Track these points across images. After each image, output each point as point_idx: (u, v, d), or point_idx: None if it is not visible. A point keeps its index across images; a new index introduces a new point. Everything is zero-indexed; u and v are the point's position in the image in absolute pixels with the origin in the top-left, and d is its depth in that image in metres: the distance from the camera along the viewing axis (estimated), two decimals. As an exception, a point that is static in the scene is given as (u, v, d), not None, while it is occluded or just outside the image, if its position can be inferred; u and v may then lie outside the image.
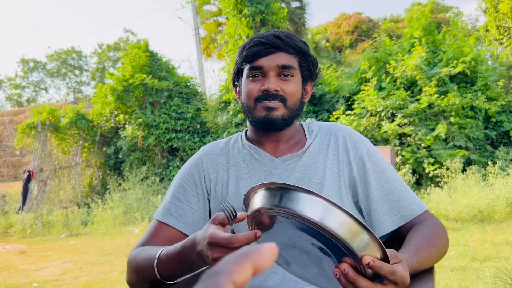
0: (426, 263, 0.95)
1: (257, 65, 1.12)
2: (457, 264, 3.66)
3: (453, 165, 6.57)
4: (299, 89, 1.15)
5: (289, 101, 1.12)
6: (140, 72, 10.10)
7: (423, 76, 7.68)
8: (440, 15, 19.77)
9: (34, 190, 9.32)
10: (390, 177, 1.13)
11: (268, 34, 1.13)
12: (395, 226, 1.09)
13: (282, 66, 1.11)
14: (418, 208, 1.10)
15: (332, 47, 20.93)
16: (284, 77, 1.12)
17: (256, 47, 1.12)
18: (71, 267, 4.96)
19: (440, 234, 1.04)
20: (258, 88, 1.12)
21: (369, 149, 1.16)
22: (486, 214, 5.52)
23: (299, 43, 1.14)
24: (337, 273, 0.73)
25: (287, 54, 1.12)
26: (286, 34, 1.14)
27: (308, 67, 1.17)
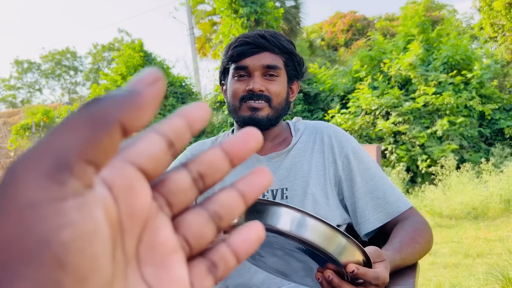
0: (409, 260, 0.96)
1: (242, 65, 1.12)
2: (450, 261, 3.68)
3: (447, 163, 6.60)
4: (284, 88, 1.16)
5: (274, 101, 1.13)
6: (134, 71, 10.09)
7: (418, 75, 7.71)
8: (435, 13, 19.83)
9: (29, 192, 9.31)
10: (375, 175, 1.14)
11: (253, 33, 1.13)
12: (380, 223, 1.10)
13: (267, 66, 1.11)
14: (403, 205, 1.11)
15: (327, 46, 20.97)
16: (269, 77, 1.12)
17: (241, 47, 1.12)
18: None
19: (423, 231, 1.05)
20: (243, 88, 1.12)
21: (354, 147, 1.17)
22: (480, 211, 5.55)
23: (285, 43, 1.14)
24: (320, 278, 0.73)
25: (272, 54, 1.12)
26: (272, 34, 1.14)
27: (294, 67, 1.17)
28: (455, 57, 7.96)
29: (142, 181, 0.21)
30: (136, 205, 0.20)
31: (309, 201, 1.08)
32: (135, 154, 0.20)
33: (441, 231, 4.89)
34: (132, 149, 0.20)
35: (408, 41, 8.57)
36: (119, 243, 0.20)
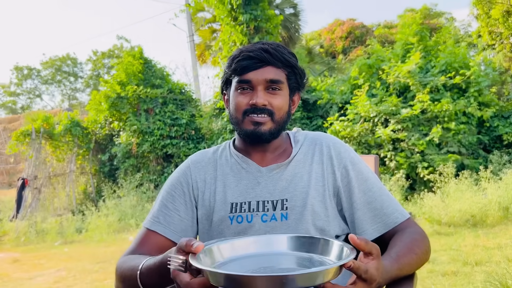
0: (406, 270, 0.98)
1: (245, 79, 1.14)
2: (449, 269, 3.68)
3: (446, 170, 6.62)
4: (286, 102, 1.18)
5: (276, 115, 1.15)
6: (134, 79, 10.12)
7: (416, 82, 7.75)
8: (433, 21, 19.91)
9: (28, 198, 9.29)
10: (373, 186, 1.15)
11: (257, 47, 1.14)
12: (378, 233, 1.11)
13: (270, 80, 1.13)
14: (401, 215, 1.13)
15: (326, 53, 21.02)
16: (272, 90, 1.14)
17: (244, 61, 1.13)
18: (65, 275, 4.95)
19: (421, 242, 1.07)
20: (246, 101, 1.14)
21: (353, 158, 1.18)
22: (479, 219, 5.56)
23: (288, 56, 1.16)
24: None
25: (275, 68, 1.14)
26: (275, 47, 1.15)
27: (296, 79, 1.19)
28: (453, 64, 8.00)
29: None
30: None
31: (308, 212, 1.10)
32: None
33: (439, 239, 4.90)
34: None
35: (406, 49, 8.61)
36: None
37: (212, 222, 1.18)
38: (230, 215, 1.16)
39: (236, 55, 1.16)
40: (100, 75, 35.00)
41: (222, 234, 1.16)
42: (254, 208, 1.14)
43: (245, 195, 1.17)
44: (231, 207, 1.16)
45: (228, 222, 1.15)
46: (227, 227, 1.15)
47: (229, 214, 1.16)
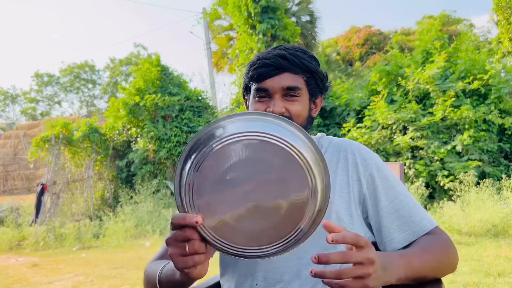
0: (417, 265, 0.96)
1: (262, 87, 1.13)
2: (471, 280, 3.60)
3: (467, 178, 6.49)
4: (305, 108, 1.16)
5: (295, 121, 1.13)
6: (151, 86, 10.21)
7: (436, 89, 7.64)
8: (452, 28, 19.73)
9: (47, 203, 9.41)
10: (400, 193, 1.13)
11: (273, 54, 1.13)
12: (407, 242, 1.08)
13: (287, 88, 1.11)
14: (429, 223, 1.10)
15: (343, 60, 20.98)
16: (289, 97, 1.12)
17: (261, 68, 1.12)
18: (82, 280, 4.98)
19: (440, 245, 1.05)
20: (264, 109, 1.13)
21: (379, 165, 1.16)
22: (501, 229, 5.43)
23: (306, 61, 1.13)
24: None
25: (293, 74, 1.12)
26: (293, 53, 1.13)
27: (316, 84, 1.17)
28: (473, 71, 7.89)
29: None
30: None
31: (333, 219, 1.08)
32: None
33: (460, 249, 4.80)
34: None
35: (425, 56, 8.53)
36: None
37: None
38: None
39: (253, 62, 1.15)
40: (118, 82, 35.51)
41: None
42: None
43: None
44: None
45: None
46: None
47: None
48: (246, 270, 1.14)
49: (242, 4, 9.51)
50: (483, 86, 7.64)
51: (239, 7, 9.58)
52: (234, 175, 0.79)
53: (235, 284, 1.15)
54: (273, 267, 1.10)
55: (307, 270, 1.07)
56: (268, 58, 1.12)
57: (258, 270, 1.11)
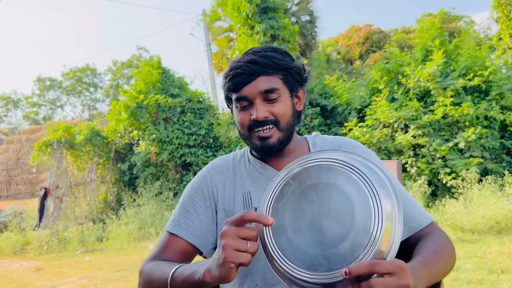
0: (436, 274, 0.94)
1: (240, 96, 1.13)
2: (474, 277, 3.59)
3: (469, 175, 6.47)
4: (288, 106, 1.15)
5: (281, 122, 1.13)
6: (152, 88, 10.23)
7: (437, 86, 7.63)
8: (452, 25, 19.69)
9: (50, 207, 9.45)
10: (397, 190, 1.13)
11: (244, 61, 1.12)
12: (403, 237, 1.09)
13: (265, 91, 1.11)
14: (426, 218, 1.10)
15: (343, 59, 20.96)
16: (270, 99, 1.12)
17: (235, 78, 1.12)
18: (86, 283, 4.99)
19: (445, 245, 1.04)
20: (248, 117, 1.13)
21: (375, 161, 1.16)
22: (504, 225, 5.41)
23: (278, 60, 1.13)
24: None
25: (268, 76, 1.11)
26: (263, 55, 1.12)
27: (294, 78, 1.17)
28: (474, 68, 7.87)
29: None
30: None
31: None
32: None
33: (463, 246, 4.79)
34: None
35: (425, 54, 8.51)
36: None
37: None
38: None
39: (227, 73, 1.15)
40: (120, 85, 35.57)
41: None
42: None
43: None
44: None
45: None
46: None
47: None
48: (245, 271, 1.14)
49: (241, 5, 9.51)
50: (484, 82, 7.62)
51: (238, 8, 9.58)
52: (312, 194, 0.88)
53: (235, 284, 1.16)
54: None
55: None
56: (240, 67, 1.11)
57: (257, 270, 1.11)
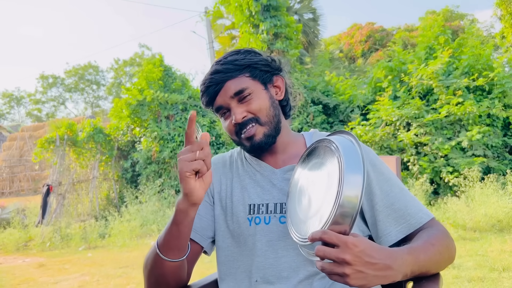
0: (423, 260, 0.95)
1: (217, 107, 1.17)
2: (475, 275, 3.59)
3: (471, 174, 6.46)
4: (264, 99, 1.17)
5: (261, 117, 1.15)
6: (154, 85, 10.24)
7: (440, 85, 7.61)
8: (455, 23, 19.62)
9: (53, 204, 9.47)
10: (395, 186, 1.12)
11: (208, 75, 1.16)
12: (403, 234, 1.08)
13: (235, 94, 1.14)
14: (425, 215, 1.09)
15: (345, 57, 20.93)
16: (244, 99, 1.14)
17: (205, 93, 1.17)
18: (88, 280, 5.01)
19: (439, 236, 1.04)
20: (231, 123, 1.17)
21: (373, 159, 1.15)
22: (506, 224, 5.41)
23: (240, 60, 1.16)
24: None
25: (234, 79, 1.14)
26: (224, 62, 1.16)
27: (263, 71, 1.18)
28: (477, 66, 7.85)
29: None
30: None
31: None
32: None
33: (465, 244, 4.79)
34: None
35: (429, 52, 8.49)
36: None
37: (230, 223, 1.19)
38: (249, 217, 1.16)
39: (200, 91, 1.21)
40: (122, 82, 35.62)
41: (241, 235, 1.16)
42: (272, 210, 1.15)
43: (262, 196, 1.18)
44: (250, 209, 1.17)
45: (247, 223, 1.16)
46: (246, 228, 1.16)
47: (248, 216, 1.17)
48: (244, 268, 1.15)
49: (244, 2, 9.51)
50: (487, 82, 7.61)
51: (241, 6, 9.58)
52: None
53: (234, 281, 1.16)
54: (271, 264, 1.11)
55: (305, 266, 1.08)
56: (206, 82, 1.16)
57: (257, 267, 1.12)
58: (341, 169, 0.86)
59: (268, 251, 1.12)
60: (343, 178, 0.84)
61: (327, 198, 0.88)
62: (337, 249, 0.81)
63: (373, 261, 0.82)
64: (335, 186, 0.85)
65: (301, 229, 0.95)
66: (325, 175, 0.93)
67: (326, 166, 0.95)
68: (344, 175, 0.85)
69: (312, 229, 0.89)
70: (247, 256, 1.15)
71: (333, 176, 0.89)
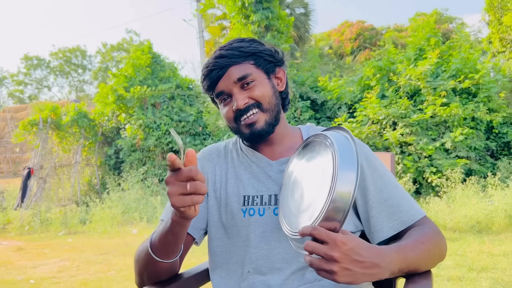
0: (412, 258, 0.95)
1: (218, 92, 1.16)
2: (454, 274, 3.66)
3: (453, 175, 6.57)
4: (267, 87, 1.16)
5: (263, 103, 1.15)
6: (141, 72, 10.13)
7: (427, 86, 7.69)
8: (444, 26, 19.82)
9: (33, 187, 9.33)
10: (389, 183, 1.13)
11: (212, 59, 1.15)
12: (394, 231, 1.09)
13: (238, 79, 1.13)
14: (417, 213, 1.10)
15: (335, 54, 20.98)
16: (246, 86, 1.14)
17: (208, 77, 1.15)
18: (68, 265, 4.96)
19: (430, 234, 1.05)
20: (231, 109, 1.15)
21: (368, 155, 1.16)
22: (484, 225, 5.53)
23: (245, 48, 1.15)
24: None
25: (238, 65, 1.14)
26: (229, 47, 1.16)
27: (267, 61, 1.18)
28: (464, 70, 7.95)
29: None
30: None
31: None
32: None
33: (444, 244, 4.87)
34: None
35: (419, 53, 8.56)
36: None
37: (223, 214, 1.18)
38: (243, 208, 1.16)
39: (201, 76, 1.19)
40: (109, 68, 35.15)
41: (234, 226, 1.16)
42: (266, 201, 1.14)
43: (257, 188, 1.17)
44: (244, 200, 1.16)
45: (241, 214, 1.15)
46: (240, 219, 1.15)
47: (242, 207, 1.16)
48: (237, 259, 1.14)
49: (237, -7, 9.43)
50: (473, 84, 7.72)
51: (234, -4, 9.50)
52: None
53: (226, 272, 1.16)
54: (264, 255, 1.10)
55: (298, 258, 1.08)
56: (209, 65, 1.15)
57: (249, 258, 1.11)
58: (335, 165, 0.86)
59: (261, 243, 1.11)
60: (337, 174, 0.84)
61: (320, 192, 0.88)
62: (326, 246, 0.81)
63: (361, 259, 0.83)
64: (329, 181, 0.86)
65: (292, 222, 0.95)
66: (319, 169, 0.94)
67: (321, 161, 0.95)
68: (338, 171, 0.85)
69: (303, 223, 0.89)
70: (240, 247, 1.14)
71: (327, 171, 0.89)
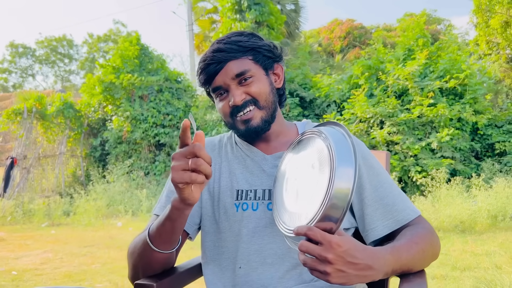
0: (405, 258, 0.95)
1: (215, 86, 1.13)
2: (438, 273, 3.71)
3: (438, 175, 6.65)
4: (264, 83, 1.15)
5: (260, 100, 1.13)
6: (129, 64, 10.01)
7: (415, 86, 7.76)
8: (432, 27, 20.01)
9: (16, 177, 9.19)
10: (385, 181, 1.13)
11: (210, 52, 1.13)
12: (389, 230, 1.09)
13: (236, 75, 1.11)
14: (412, 212, 1.10)
15: (324, 51, 21.04)
16: (244, 82, 1.12)
17: (205, 70, 1.13)
18: (51, 257, 4.89)
19: (424, 234, 1.04)
20: (227, 105, 1.13)
21: (364, 152, 1.15)
22: (468, 225, 5.61)
23: (244, 42, 1.13)
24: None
25: (236, 60, 1.11)
26: (227, 41, 1.13)
27: (265, 56, 1.16)
28: (451, 71, 8.04)
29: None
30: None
31: None
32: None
33: (429, 243, 4.93)
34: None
35: (408, 53, 8.62)
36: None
37: (216, 208, 1.17)
38: (236, 202, 1.14)
39: (198, 69, 1.16)
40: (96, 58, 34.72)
41: (227, 221, 1.14)
42: (260, 196, 1.13)
43: (251, 182, 1.15)
44: (237, 194, 1.15)
45: (234, 209, 1.14)
46: (233, 214, 1.14)
47: (235, 201, 1.15)
48: (229, 254, 1.13)
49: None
50: (460, 85, 7.81)
51: (225, -11, 9.45)
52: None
53: (219, 266, 1.15)
54: (256, 250, 1.09)
55: (291, 254, 1.07)
56: (207, 58, 1.12)
57: (241, 253, 1.10)
58: (333, 162, 0.85)
59: (254, 238, 1.10)
60: (335, 171, 0.83)
61: (317, 190, 0.86)
62: (321, 247, 0.80)
63: (355, 261, 0.82)
64: (326, 178, 0.84)
65: (287, 219, 0.94)
66: (315, 166, 0.92)
67: (316, 157, 0.93)
68: (336, 167, 0.83)
69: (299, 221, 0.88)
70: (232, 242, 1.13)
71: (323, 168, 0.87)
